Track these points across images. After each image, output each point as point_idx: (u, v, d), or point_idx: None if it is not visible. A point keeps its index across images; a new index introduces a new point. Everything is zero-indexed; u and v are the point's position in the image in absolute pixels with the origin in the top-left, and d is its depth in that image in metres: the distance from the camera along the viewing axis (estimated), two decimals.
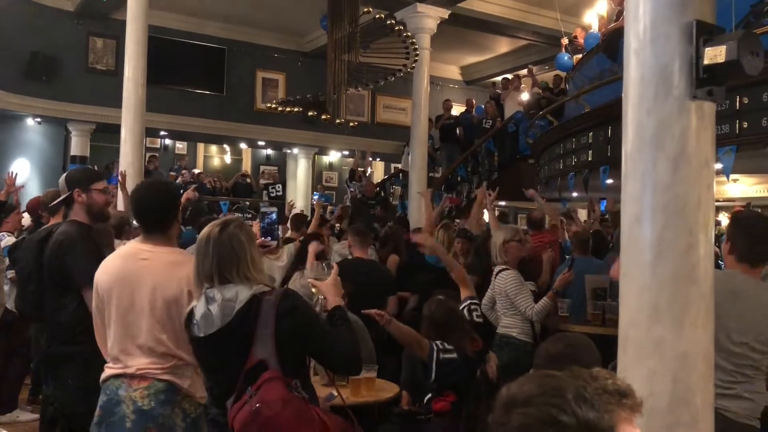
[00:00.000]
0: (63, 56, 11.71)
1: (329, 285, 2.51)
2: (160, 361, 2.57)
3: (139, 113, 8.59)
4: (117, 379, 2.59)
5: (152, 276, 2.61)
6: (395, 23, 8.51)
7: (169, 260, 2.67)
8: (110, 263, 2.74)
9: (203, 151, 17.30)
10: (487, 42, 13.74)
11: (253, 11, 12.17)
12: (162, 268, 2.64)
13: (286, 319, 2.23)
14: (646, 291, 2.28)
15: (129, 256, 2.72)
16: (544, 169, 8.88)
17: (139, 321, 2.60)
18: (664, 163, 2.25)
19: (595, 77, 7.84)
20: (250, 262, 2.31)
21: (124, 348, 2.60)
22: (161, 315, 2.58)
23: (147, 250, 2.69)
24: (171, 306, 2.58)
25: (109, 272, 2.70)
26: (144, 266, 2.64)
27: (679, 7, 2.27)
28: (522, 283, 4.60)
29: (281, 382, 2.16)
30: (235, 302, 2.24)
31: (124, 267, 2.68)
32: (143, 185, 2.98)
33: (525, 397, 0.93)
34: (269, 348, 2.19)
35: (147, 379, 2.55)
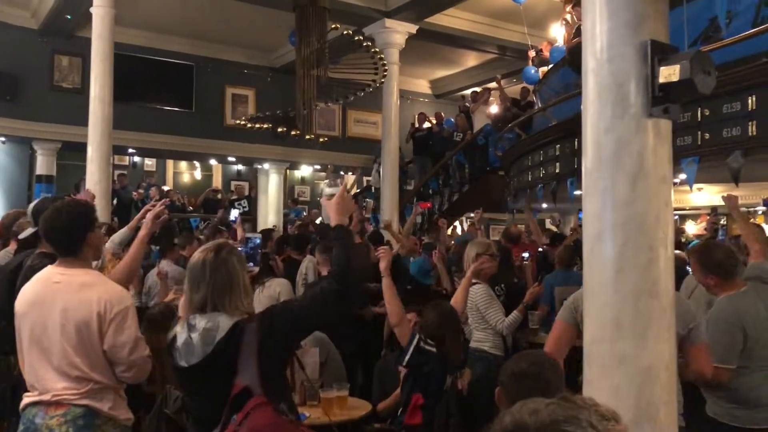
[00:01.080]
0: (27, 74, 11.54)
1: (334, 203, 2.41)
2: (75, 386, 2.52)
3: (105, 131, 8.52)
4: (34, 407, 2.54)
5: (63, 299, 2.58)
6: (363, 39, 8.56)
7: (80, 282, 2.63)
8: (27, 288, 2.71)
9: (173, 167, 17.14)
10: (456, 56, 13.87)
11: (221, 27, 12.13)
12: (72, 291, 2.60)
13: (269, 337, 2.18)
14: (609, 307, 2.31)
15: (43, 280, 2.69)
16: (513, 181, 8.97)
17: (52, 345, 2.55)
18: (622, 181, 2.29)
19: (561, 90, 7.95)
20: (242, 290, 2.27)
21: (39, 374, 2.56)
22: (73, 338, 2.54)
23: (60, 273, 2.66)
24: (81, 328, 2.54)
25: (24, 298, 2.67)
26: (56, 289, 2.61)
27: (634, 27, 2.32)
28: (492, 297, 4.62)
29: (269, 407, 2.11)
30: (216, 332, 2.19)
31: (37, 291, 2.65)
32: (52, 208, 2.85)
33: (539, 426, 0.94)
34: (253, 374, 2.15)
35: (63, 405, 2.51)
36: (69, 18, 10.77)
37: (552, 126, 7.31)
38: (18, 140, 12.02)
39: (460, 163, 11.88)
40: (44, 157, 12.18)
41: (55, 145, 12.09)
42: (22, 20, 11.48)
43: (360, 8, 10.36)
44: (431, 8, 10.47)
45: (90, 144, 8.51)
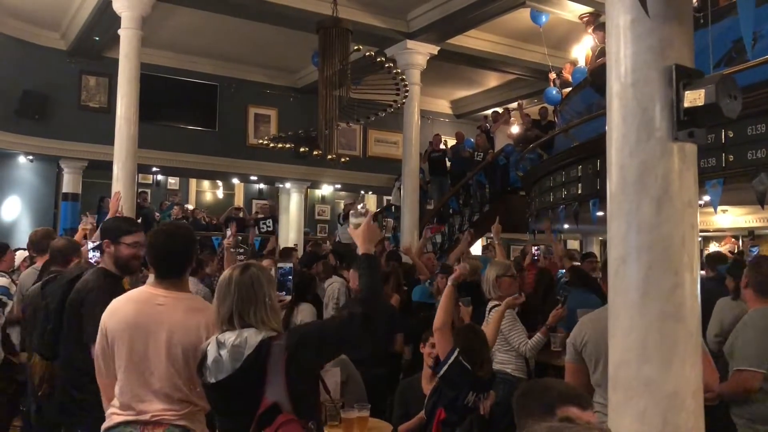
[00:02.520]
0: (55, 94, 11.77)
1: (361, 231, 2.44)
2: (175, 408, 2.53)
3: (131, 150, 8.65)
4: (128, 425, 2.54)
5: (170, 322, 2.57)
6: (385, 60, 8.61)
7: (187, 306, 2.63)
8: (121, 308, 2.66)
9: (196, 186, 17.36)
10: (476, 76, 13.92)
11: (245, 48, 12.31)
12: (179, 315, 2.59)
13: (296, 356, 2.20)
14: (634, 330, 2.30)
15: (143, 301, 2.65)
16: (534, 202, 8.94)
17: (155, 367, 2.55)
18: (647, 204, 2.29)
19: (583, 111, 7.93)
20: (267, 304, 2.31)
21: (137, 394, 2.55)
22: (179, 362, 2.54)
23: (162, 295, 2.64)
24: (188, 353, 2.53)
25: (120, 317, 2.63)
26: (161, 312, 2.59)
27: (659, 52, 2.33)
28: (515, 319, 4.61)
29: (298, 424, 2.13)
30: (245, 348, 2.22)
31: (138, 312, 2.61)
32: (162, 230, 2.89)
33: None
34: (282, 391, 2.17)
35: (162, 425, 2.52)
36: (97, 39, 11.00)
37: (574, 147, 7.30)
38: (45, 158, 12.23)
39: (481, 183, 11.87)
40: (71, 175, 12.37)
41: (81, 164, 12.29)
42: (52, 41, 11.73)
43: (382, 30, 10.47)
44: (453, 30, 10.54)
45: (116, 163, 8.64)
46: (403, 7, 10.39)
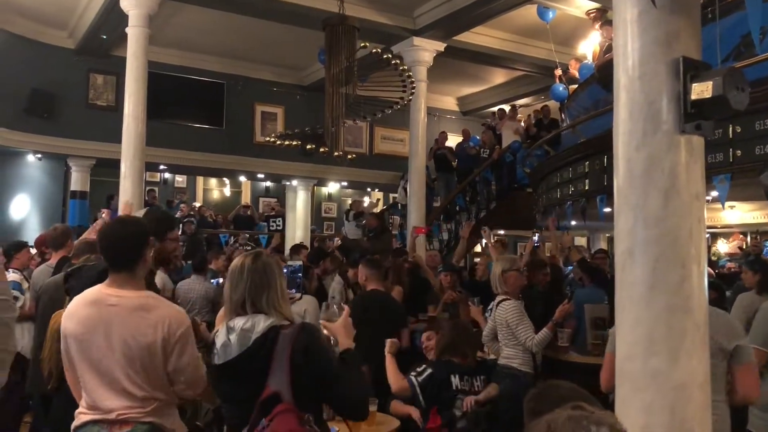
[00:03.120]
0: (63, 93, 11.82)
1: (339, 326, 2.50)
2: (140, 405, 2.51)
3: (139, 148, 8.67)
4: (95, 425, 2.52)
5: (121, 324, 2.52)
6: (392, 57, 8.62)
7: (137, 305, 2.56)
8: (77, 310, 2.62)
9: (203, 184, 17.41)
10: (483, 73, 13.91)
11: (251, 46, 12.33)
12: (130, 315, 2.54)
13: (301, 353, 2.23)
14: (641, 323, 2.30)
15: (96, 302, 2.60)
16: (542, 198, 8.93)
17: (114, 367, 2.51)
18: (654, 198, 2.29)
19: (590, 107, 7.93)
20: (279, 291, 2.35)
21: (99, 394, 2.53)
22: (134, 361, 2.51)
23: (114, 295, 2.58)
24: (144, 352, 2.50)
25: (76, 320, 2.59)
26: (113, 312, 2.54)
27: (666, 44, 2.33)
28: (523, 314, 4.61)
29: (294, 414, 2.15)
30: (252, 332, 2.27)
31: (91, 314, 2.57)
32: (114, 221, 2.84)
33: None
34: (284, 380, 2.19)
35: (129, 423, 2.50)
36: (104, 38, 11.04)
37: (581, 143, 7.29)
38: (54, 157, 12.29)
39: (487, 180, 11.86)
40: (79, 174, 12.44)
41: (89, 162, 12.36)
42: (60, 40, 11.78)
43: (389, 27, 10.47)
44: (459, 26, 10.52)
45: (123, 161, 8.66)
46: (410, 4, 10.38)
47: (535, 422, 1.01)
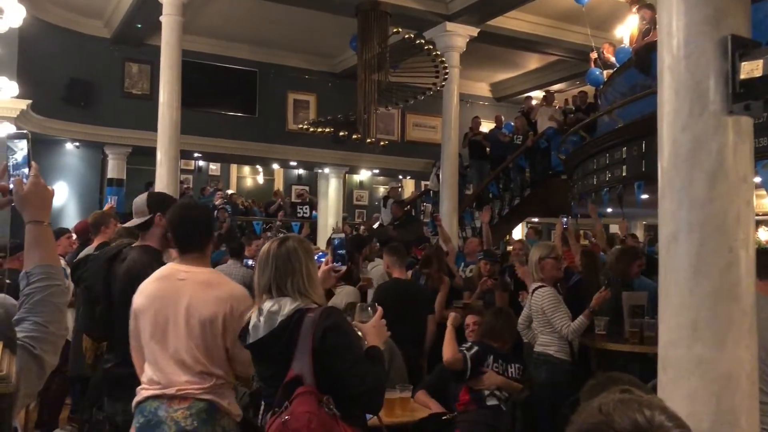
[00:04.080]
0: (100, 82, 12.00)
1: (370, 327, 2.50)
2: (199, 381, 2.59)
3: (174, 136, 8.76)
4: (155, 400, 2.61)
5: (188, 295, 2.64)
6: (424, 43, 8.55)
7: (204, 280, 2.70)
8: (148, 285, 2.77)
9: (236, 171, 17.58)
10: (517, 58, 13.73)
11: (284, 34, 12.35)
12: (197, 288, 2.66)
13: (324, 337, 2.25)
14: (686, 309, 2.25)
15: (166, 276, 2.76)
16: (577, 185, 8.79)
17: (176, 340, 2.62)
18: (701, 180, 2.23)
19: (627, 92, 7.76)
20: (305, 275, 2.36)
21: (161, 368, 2.62)
22: (197, 334, 2.60)
23: (184, 270, 2.73)
24: (206, 325, 2.60)
25: (146, 294, 2.73)
26: (180, 286, 2.67)
27: (714, 22, 2.25)
28: (559, 301, 4.55)
29: (313, 396, 2.18)
30: (278, 315, 2.31)
31: (161, 288, 2.72)
32: (180, 206, 3.02)
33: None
34: (306, 363, 2.23)
35: (187, 399, 2.57)
36: (139, 27, 11.16)
37: (618, 128, 7.14)
38: (90, 145, 12.50)
39: (521, 167, 11.73)
40: (115, 161, 12.64)
41: (125, 150, 12.54)
42: (96, 30, 11.94)
43: (421, 12, 10.38)
44: (493, 11, 10.39)
45: (159, 148, 8.77)
46: None
47: (585, 406, 0.98)
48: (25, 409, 5.22)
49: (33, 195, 1.62)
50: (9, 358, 1.33)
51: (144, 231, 3.24)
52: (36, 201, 1.62)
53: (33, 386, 1.47)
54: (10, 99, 8.40)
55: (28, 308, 1.51)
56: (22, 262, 1.63)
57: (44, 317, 1.51)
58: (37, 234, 1.60)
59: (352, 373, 2.27)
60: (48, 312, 1.52)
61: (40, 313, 1.51)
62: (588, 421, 0.95)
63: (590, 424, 0.94)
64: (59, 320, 1.54)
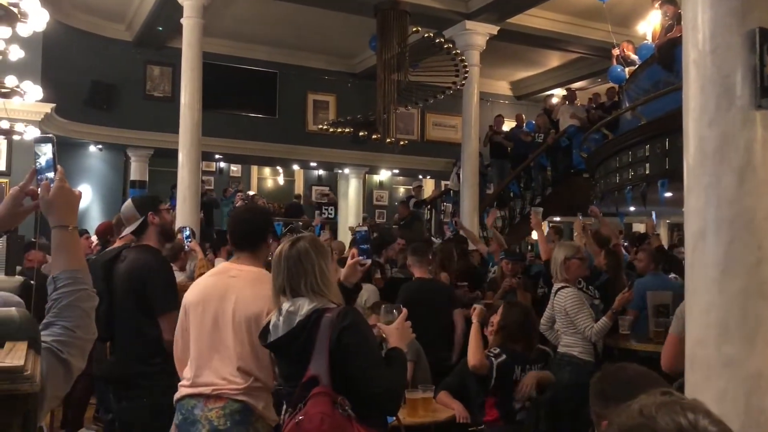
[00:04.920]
0: (122, 84, 12.12)
1: (393, 328, 2.48)
2: (236, 381, 2.60)
3: (195, 138, 8.82)
4: (192, 398, 2.63)
5: (237, 293, 2.69)
6: (444, 41, 8.52)
7: (254, 278, 2.75)
8: (203, 281, 2.88)
9: (257, 173, 17.65)
10: (537, 56, 13.64)
11: (303, 35, 12.38)
12: (246, 285, 2.71)
13: (341, 337, 2.24)
14: (714, 308, 2.21)
15: (219, 273, 2.87)
16: (600, 184, 8.71)
17: (221, 336, 2.66)
18: (729, 176, 2.19)
19: (649, 89, 7.67)
20: (318, 275, 2.35)
21: (201, 365, 2.65)
22: (242, 330, 2.64)
23: (236, 268, 2.82)
24: (251, 322, 2.63)
25: (198, 290, 2.82)
26: (230, 284, 2.73)
27: (740, 15, 2.21)
28: (582, 302, 4.49)
29: (327, 397, 2.18)
30: (296, 315, 2.31)
31: (213, 284, 2.80)
32: (240, 208, 3.29)
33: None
34: (323, 364, 2.22)
35: (222, 399, 2.58)
36: (160, 30, 11.26)
37: (641, 125, 7.06)
38: (113, 147, 12.63)
39: (542, 166, 11.65)
40: (137, 163, 12.76)
41: (147, 152, 12.66)
42: (118, 33, 12.07)
43: (440, 11, 10.34)
44: (513, 9, 10.32)
45: (181, 150, 8.82)
46: None
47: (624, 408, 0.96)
48: None
49: (58, 199, 1.62)
50: (34, 357, 1.33)
51: (140, 234, 3.35)
52: (61, 206, 1.62)
53: (60, 390, 1.47)
54: (35, 103, 8.51)
55: (55, 312, 1.52)
56: (32, 262, 1.65)
57: (71, 321, 1.51)
58: (62, 239, 1.60)
59: (368, 374, 2.24)
60: (75, 316, 1.52)
61: (68, 317, 1.51)
62: (628, 423, 0.93)
63: (631, 426, 0.92)
64: (87, 324, 1.55)
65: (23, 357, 1.26)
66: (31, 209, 1.71)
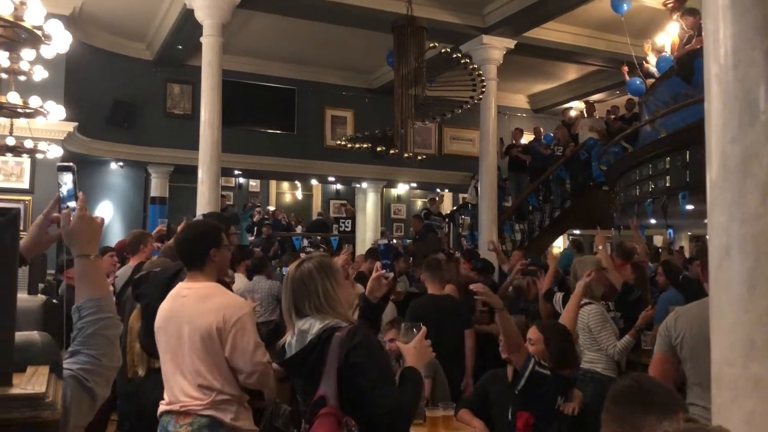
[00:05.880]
0: (143, 103, 12.25)
1: (410, 347, 2.43)
2: (201, 396, 2.68)
3: (215, 154, 8.88)
4: (167, 415, 2.74)
5: (189, 311, 2.77)
6: (461, 56, 8.53)
7: (202, 294, 2.82)
8: (164, 305, 2.93)
9: (275, 187, 17.75)
10: (555, 69, 13.60)
11: (320, 52, 12.46)
12: (195, 302, 2.79)
13: (349, 356, 2.23)
14: (740, 326, 2.17)
15: (173, 296, 2.91)
16: (619, 196, 8.65)
17: (182, 356, 2.74)
18: (753, 192, 2.16)
19: (669, 101, 7.61)
20: (321, 295, 2.34)
21: (171, 384, 2.76)
22: (198, 348, 2.71)
23: (186, 287, 2.88)
24: (205, 338, 2.70)
25: (160, 314, 2.90)
26: (183, 303, 2.82)
27: (763, 30, 2.19)
28: (605, 319, 4.44)
29: (333, 418, 2.16)
30: (308, 333, 2.31)
31: (170, 307, 2.87)
32: (187, 225, 3.21)
33: None
34: (331, 384, 2.21)
35: (190, 415, 2.67)
36: (180, 48, 11.39)
37: (661, 138, 7.01)
38: (134, 164, 12.76)
39: (561, 179, 11.58)
40: (158, 180, 12.88)
41: (168, 169, 12.78)
42: (138, 52, 12.23)
43: (457, 26, 10.38)
44: (529, 23, 10.32)
45: (201, 167, 8.88)
46: (479, 1, 10.26)
47: None
48: None
49: (79, 229, 1.63)
50: (55, 383, 1.34)
51: None
52: (82, 235, 1.63)
53: (84, 418, 1.48)
54: (58, 122, 8.63)
55: (80, 341, 1.53)
56: (71, 279, 1.67)
57: (96, 350, 1.52)
58: (85, 268, 1.61)
59: (375, 393, 2.20)
60: (100, 344, 1.53)
61: (93, 345, 1.52)
62: None
63: None
64: (111, 352, 1.56)
65: (45, 383, 1.26)
66: (55, 237, 1.74)
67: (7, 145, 8.27)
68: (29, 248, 1.74)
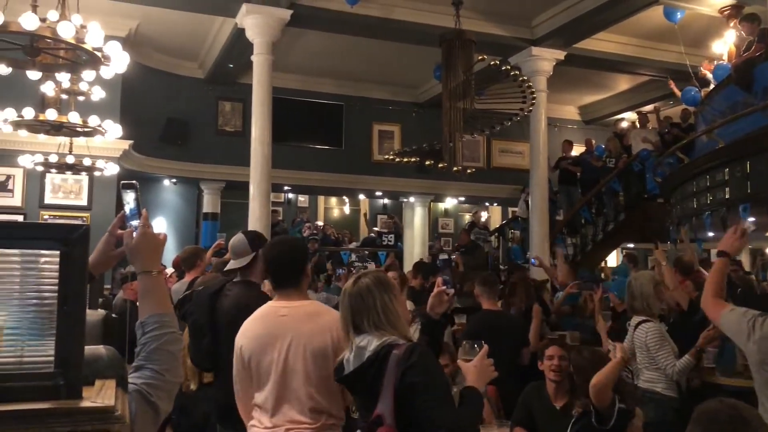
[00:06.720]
0: (195, 120, 12.53)
1: (471, 366, 2.37)
2: (309, 420, 2.59)
3: (265, 171, 9.02)
4: None
5: (294, 330, 2.67)
6: (510, 68, 8.47)
7: (307, 312, 2.74)
8: (250, 326, 2.82)
9: (323, 203, 17.90)
10: (606, 80, 13.39)
11: (368, 67, 12.57)
12: (301, 321, 2.69)
13: (405, 375, 2.19)
14: None
15: (267, 315, 2.80)
16: (675, 209, 8.42)
17: (287, 376, 2.64)
18: None
19: (726, 110, 7.40)
20: (380, 311, 2.32)
21: (272, 407, 2.64)
22: (309, 366, 2.62)
23: (283, 306, 2.77)
24: (317, 357, 2.62)
25: (251, 334, 2.78)
26: (284, 322, 2.70)
27: None
28: (664, 337, 4.30)
29: None
30: (366, 350, 2.28)
31: (265, 326, 2.75)
32: (274, 242, 3.11)
33: None
34: (388, 404, 2.18)
35: None
36: (231, 66, 11.63)
37: (719, 148, 6.81)
38: (187, 181, 13.05)
39: (614, 191, 11.35)
40: (210, 196, 13.13)
41: (219, 185, 13.02)
42: (191, 71, 12.55)
43: (506, 38, 10.33)
44: (579, 34, 10.20)
45: (251, 183, 9.03)
46: (527, 13, 10.20)
47: None
48: None
49: (142, 246, 1.66)
50: (122, 396, 1.36)
51: (247, 269, 3.35)
52: (145, 252, 1.66)
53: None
54: (114, 140, 8.89)
55: (144, 356, 1.55)
56: (132, 293, 1.69)
57: (160, 365, 1.54)
58: (148, 284, 1.64)
59: (433, 414, 2.14)
60: (163, 360, 1.55)
61: (157, 361, 1.54)
62: None
63: None
64: (174, 368, 1.58)
65: (113, 396, 1.28)
66: (120, 254, 1.77)
67: (67, 164, 8.54)
68: (96, 265, 1.77)
